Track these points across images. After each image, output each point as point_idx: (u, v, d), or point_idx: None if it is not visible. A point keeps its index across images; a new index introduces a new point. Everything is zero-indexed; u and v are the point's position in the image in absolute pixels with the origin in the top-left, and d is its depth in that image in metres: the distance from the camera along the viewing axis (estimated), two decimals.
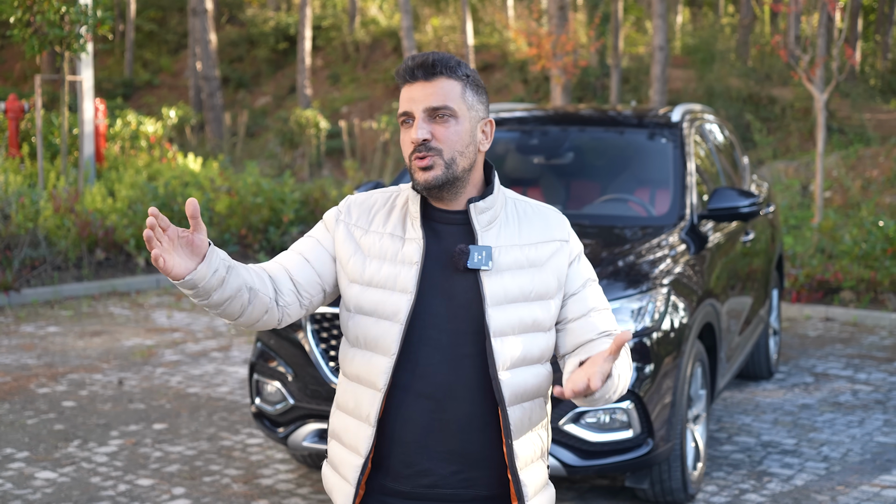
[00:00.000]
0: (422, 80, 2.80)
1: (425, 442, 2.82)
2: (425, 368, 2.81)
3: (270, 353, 6.02)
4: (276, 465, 6.75)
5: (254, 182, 14.85)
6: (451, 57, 2.84)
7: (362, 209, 2.94)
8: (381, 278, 2.83)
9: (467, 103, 2.83)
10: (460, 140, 2.80)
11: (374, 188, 7.49)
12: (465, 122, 2.81)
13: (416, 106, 2.80)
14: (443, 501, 2.85)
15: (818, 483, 6.48)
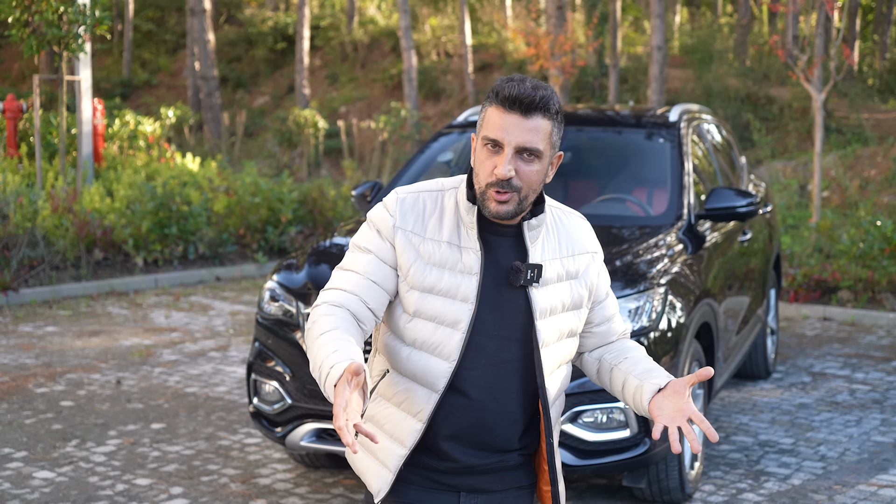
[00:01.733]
0: (519, 114, 2.86)
1: (462, 436, 3.01)
2: (471, 372, 2.97)
3: (268, 353, 6.03)
4: (274, 464, 6.76)
5: (252, 182, 14.84)
6: (551, 95, 2.89)
7: (415, 214, 3.00)
8: (443, 287, 2.95)
9: (552, 142, 2.93)
10: (538, 179, 2.92)
11: (372, 188, 7.51)
12: (545, 160, 2.92)
13: (508, 138, 2.86)
14: (473, 474, 3.06)
15: (815, 482, 6.49)
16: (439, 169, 8.33)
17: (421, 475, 3.07)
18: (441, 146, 8.08)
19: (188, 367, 9.16)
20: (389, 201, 3.03)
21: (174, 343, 10.00)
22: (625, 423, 5.47)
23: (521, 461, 3.12)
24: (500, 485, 3.10)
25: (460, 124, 8.19)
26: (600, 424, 5.48)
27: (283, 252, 14.56)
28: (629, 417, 5.45)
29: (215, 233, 14.06)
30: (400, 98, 26.92)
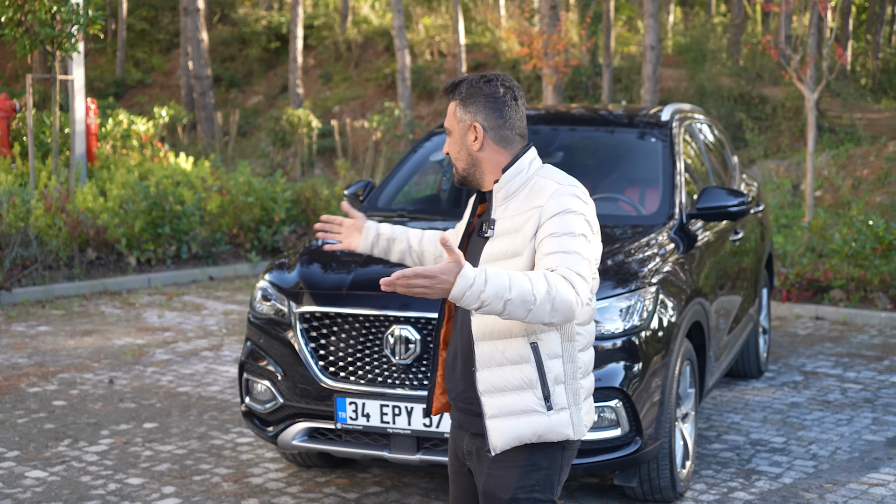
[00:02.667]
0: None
1: (452, 366, 3.73)
2: (458, 310, 3.74)
3: (260, 352, 6.03)
4: (266, 463, 6.76)
5: (245, 181, 14.84)
6: (460, 80, 3.69)
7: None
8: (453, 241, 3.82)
9: (457, 118, 3.67)
10: (453, 149, 3.71)
11: (364, 187, 7.52)
12: (454, 134, 3.69)
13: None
14: (461, 411, 3.73)
15: (806, 481, 6.50)
16: (431, 168, 8.34)
17: (451, 408, 3.82)
18: (433, 145, 8.08)
19: (181, 366, 9.16)
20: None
21: (167, 342, 10.00)
22: (616, 421, 5.48)
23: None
24: (477, 428, 3.65)
25: None
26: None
27: (276, 251, 14.57)
28: (620, 416, 5.46)
29: (208, 232, 14.06)
30: (393, 97, 26.92)
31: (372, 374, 5.58)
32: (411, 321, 5.50)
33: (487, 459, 3.60)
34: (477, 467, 3.67)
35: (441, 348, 3.80)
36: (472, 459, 3.69)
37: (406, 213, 7.25)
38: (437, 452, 5.55)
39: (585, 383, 3.63)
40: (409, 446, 5.57)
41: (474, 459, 3.68)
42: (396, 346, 5.50)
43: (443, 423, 5.44)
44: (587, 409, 3.65)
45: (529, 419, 3.51)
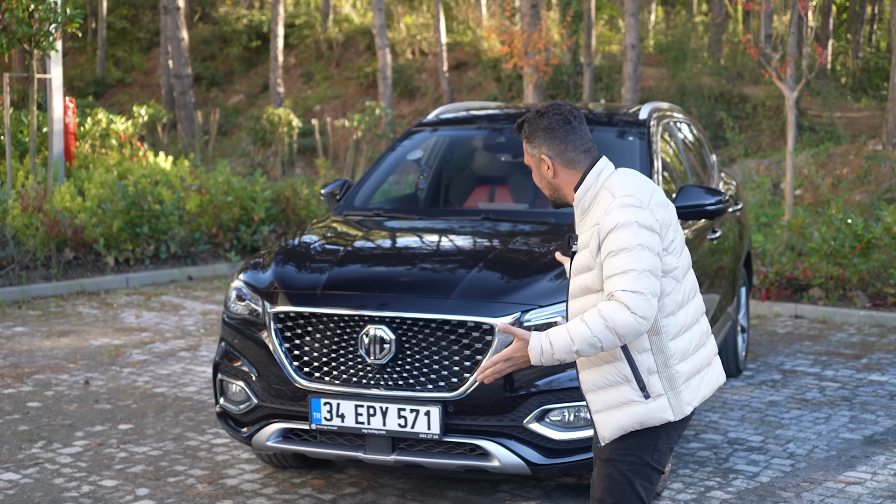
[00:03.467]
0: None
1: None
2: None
3: (234, 352, 5.99)
4: (241, 464, 6.72)
5: (224, 181, 14.78)
6: (518, 122, 4.07)
7: None
8: None
9: (530, 154, 4.03)
10: (537, 181, 4.08)
11: (341, 186, 7.49)
12: (534, 168, 4.05)
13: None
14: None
15: (783, 480, 6.49)
16: (409, 167, 8.31)
17: None
18: (411, 144, 8.05)
19: (157, 367, 9.11)
20: None
21: (144, 343, 9.94)
22: (591, 421, 5.45)
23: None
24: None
25: (430, 122, 8.17)
26: (567, 423, 5.46)
27: (255, 251, 14.52)
28: None
29: (187, 232, 14.00)
30: (375, 96, 26.87)
31: (347, 375, 5.55)
32: (386, 321, 5.47)
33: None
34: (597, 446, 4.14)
35: None
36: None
37: (383, 213, 7.21)
38: (413, 453, 5.52)
39: (683, 368, 3.95)
40: (384, 447, 5.53)
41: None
42: (371, 347, 5.47)
43: (417, 424, 5.41)
44: (692, 387, 3.99)
45: (630, 409, 3.91)
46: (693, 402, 3.98)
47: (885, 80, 25.24)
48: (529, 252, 6.13)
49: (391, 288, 5.69)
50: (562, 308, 5.52)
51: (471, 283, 5.61)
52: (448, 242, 6.55)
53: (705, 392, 4.05)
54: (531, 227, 6.72)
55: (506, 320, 5.40)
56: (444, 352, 5.43)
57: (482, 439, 5.43)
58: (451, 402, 5.40)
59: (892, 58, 18.49)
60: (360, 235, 6.66)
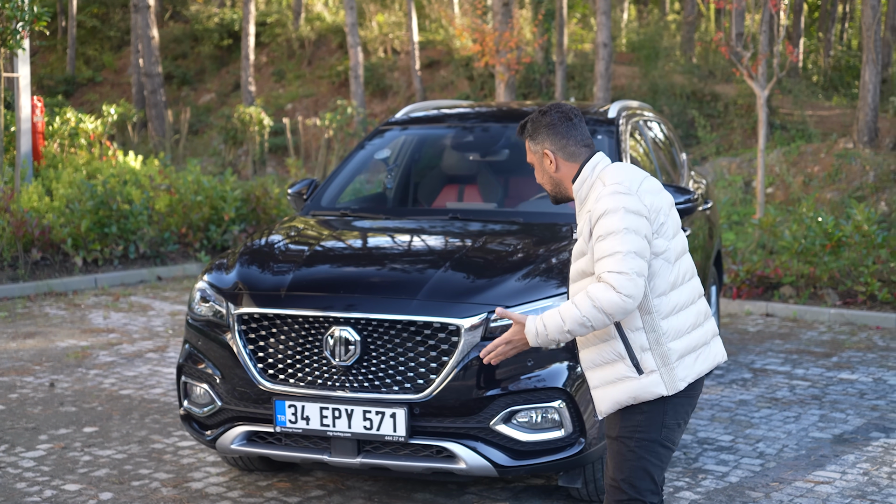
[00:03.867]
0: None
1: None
2: None
3: (198, 354, 5.91)
4: (207, 467, 6.64)
5: (194, 180, 14.68)
6: (521, 123, 4.30)
7: None
8: None
9: (532, 151, 4.28)
10: (539, 177, 4.33)
11: (308, 186, 7.43)
12: (537, 164, 4.29)
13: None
14: None
15: (753, 480, 6.47)
16: (377, 166, 8.25)
17: None
18: (380, 143, 7.99)
19: (124, 368, 9.02)
20: None
21: (111, 344, 9.85)
22: (559, 422, 5.41)
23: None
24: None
25: (399, 121, 8.11)
26: (534, 424, 5.41)
27: (225, 251, 14.40)
28: (563, 417, 5.39)
29: (156, 232, 13.90)
30: (347, 95, 26.78)
31: (311, 377, 5.48)
32: (351, 322, 5.40)
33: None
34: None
35: None
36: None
37: (350, 213, 7.15)
38: (379, 455, 5.46)
39: (676, 345, 4.13)
40: (349, 449, 5.47)
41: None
42: (336, 348, 5.40)
43: (383, 427, 5.35)
44: (686, 364, 4.15)
45: (624, 385, 4.12)
46: (687, 378, 4.14)
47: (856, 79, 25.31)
48: (497, 252, 6.08)
49: (356, 289, 5.62)
50: (529, 308, 5.48)
51: (437, 284, 5.55)
52: (415, 242, 6.50)
53: (700, 368, 4.21)
54: (499, 226, 6.67)
55: (474, 321, 5.35)
56: (409, 353, 5.37)
57: (448, 441, 5.37)
58: (417, 404, 5.34)
59: (862, 56, 18.54)
60: (326, 235, 6.59)
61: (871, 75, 18.20)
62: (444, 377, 5.31)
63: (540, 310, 5.49)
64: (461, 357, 5.32)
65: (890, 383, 8.72)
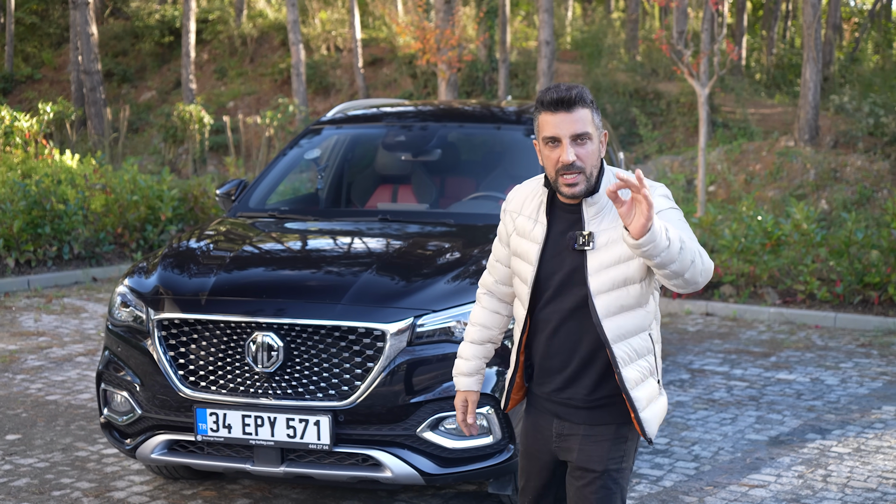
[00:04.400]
0: (564, 112, 3.62)
1: (544, 367, 3.87)
2: (542, 315, 3.82)
3: (118, 361, 5.73)
4: (131, 476, 6.47)
5: (130, 179, 14.43)
6: (582, 90, 3.67)
7: (521, 197, 3.92)
8: (522, 251, 3.85)
9: (595, 125, 3.68)
10: (595, 156, 3.68)
11: (237, 186, 7.27)
12: (595, 140, 3.68)
13: (562, 132, 3.62)
14: (561, 405, 3.86)
15: (687, 484, 6.39)
16: (307, 166, 8.10)
17: (533, 398, 3.97)
18: (311, 143, 7.85)
19: (52, 373, 8.81)
20: (509, 193, 3.99)
21: (41, 348, 9.62)
22: (488, 429, 5.30)
23: (600, 404, 3.80)
24: (577, 419, 3.82)
25: (331, 120, 7.97)
26: (462, 431, 5.28)
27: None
28: (492, 423, 5.28)
29: (92, 232, 13.65)
30: (289, 93, 26.55)
31: (234, 384, 5.33)
32: (274, 327, 5.26)
33: (578, 438, 3.84)
34: (566, 446, 3.87)
35: (521, 352, 3.95)
36: (562, 441, 3.87)
37: (278, 214, 6.99)
38: (303, 464, 5.32)
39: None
40: (273, 458, 5.33)
41: (564, 440, 3.87)
42: (259, 354, 5.25)
43: (307, 435, 5.21)
44: None
45: (659, 402, 3.83)
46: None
47: (798, 77, 25.44)
48: (425, 254, 5.96)
49: (279, 293, 5.47)
50: (457, 312, 5.35)
51: (362, 288, 5.41)
52: (342, 245, 6.36)
53: None
54: (429, 227, 6.55)
55: (400, 325, 5.23)
56: (334, 359, 5.23)
57: (374, 449, 5.24)
58: (341, 412, 5.21)
59: (803, 54, 18.61)
60: (251, 238, 6.43)
61: (812, 73, 18.27)
62: (370, 384, 5.18)
63: (469, 313, 5.37)
64: (386, 363, 5.19)
65: (827, 383, 8.69)
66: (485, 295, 4.14)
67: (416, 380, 5.23)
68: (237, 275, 5.71)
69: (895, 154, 17.98)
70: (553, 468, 3.96)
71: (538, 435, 3.95)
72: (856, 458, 6.88)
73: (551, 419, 3.89)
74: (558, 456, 3.91)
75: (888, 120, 18.84)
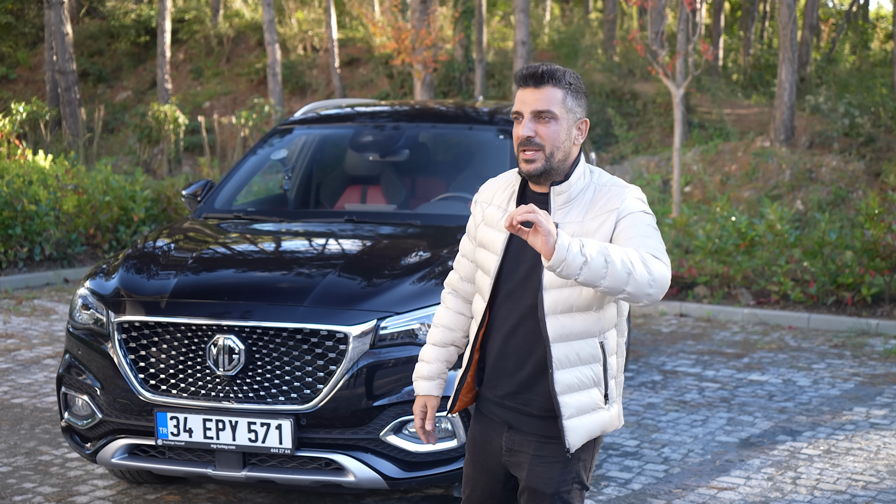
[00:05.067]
0: (532, 87, 3.53)
1: (496, 368, 3.69)
2: (501, 311, 3.65)
3: (79, 365, 5.65)
4: (94, 480, 6.38)
5: (103, 179, 14.33)
6: (558, 69, 3.54)
7: (493, 188, 3.81)
8: (487, 241, 3.71)
9: (566, 107, 3.54)
10: (558, 137, 3.53)
11: (204, 187, 7.19)
12: (563, 122, 3.53)
13: (525, 107, 3.53)
14: (511, 411, 3.68)
15: (656, 486, 6.35)
16: (273, 167, 8.03)
17: (483, 403, 3.79)
18: (280, 143, 7.78)
19: (19, 375, 8.71)
20: (482, 186, 3.87)
21: (8, 350, 9.52)
22: (452, 432, 5.24)
23: (551, 415, 3.59)
24: (529, 427, 3.64)
25: (299, 120, 7.90)
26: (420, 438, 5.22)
27: None
28: (456, 426, 5.22)
29: (63, 233, 13.54)
30: (265, 93, 26.45)
31: (195, 387, 5.26)
32: (235, 330, 5.18)
33: (528, 456, 3.67)
34: (516, 461, 3.71)
35: (476, 350, 3.76)
36: (512, 455, 3.72)
37: (244, 215, 6.91)
38: (265, 468, 5.25)
39: (622, 375, 3.79)
40: (234, 462, 5.26)
41: (514, 455, 3.71)
42: (220, 357, 5.18)
43: (268, 439, 5.14)
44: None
45: (597, 415, 3.61)
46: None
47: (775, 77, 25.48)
48: (390, 255, 5.90)
49: (241, 295, 5.40)
50: (421, 314, 5.30)
51: (325, 290, 5.35)
52: (306, 246, 6.29)
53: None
54: (395, 229, 6.49)
55: (364, 328, 5.16)
56: (296, 362, 5.17)
57: (337, 453, 5.18)
58: (303, 415, 5.14)
59: (780, 55, 18.62)
60: (215, 239, 6.36)
61: (788, 74, 18.28)
62: (332, 387, 5.12)
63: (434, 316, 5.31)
64: (349, 365, 5.13)
65: (799, 384, 8.67)
66: (449, 295, 3.98)
67: (379, 383, 5.17)
68: (199, 277, 5.64)
69: (870, 155, 18.01)
70: (503, 479, 3.80)
71: (487, 445, 3.79)
72: (826, 459, 6.85)
73: (501, 430, 3.72)
74: (509, 469, 3.75)
75: (863, 121, 18.87)
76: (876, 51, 30.80)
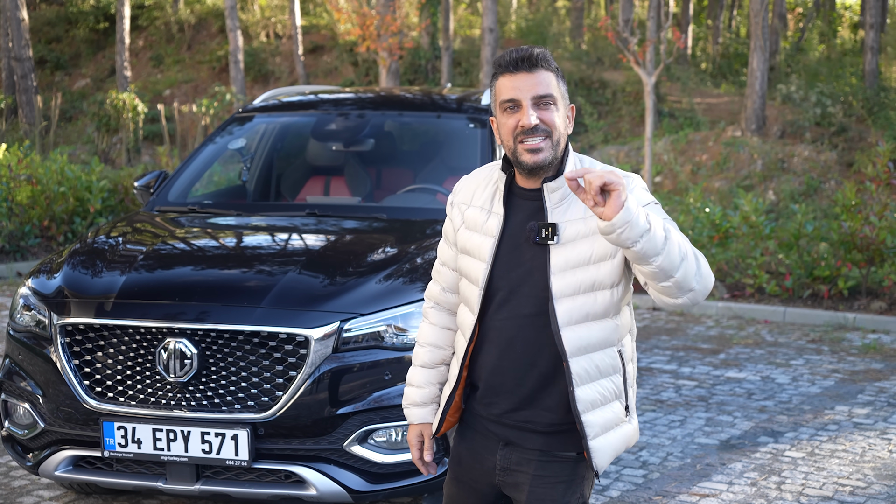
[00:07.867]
0: (526, 71, 3.17)
1: (492, 384, 3.34)
2: (493, 323, 3.29)
3: (20, 370, 5.26)
4: (40, 490, 6.00)
5: (58, 169, 13.88)
6: (546, 52, 3.22)
7: (470, 187, 3.44)
8: (472, 247, 3.34)
9: (561, 92, 3.24)
10: (562, 123, 3.22)
11: (157, 178, 6.82)
12: (561, 107, 3.22)
13: (523, 94, 3.16)
14: (513, 428, 3.33)
15: (634, 493, 6.03)
16: (231, 157, 7.67)
17: (473, 419, 3.42)
18: (237, 132, 7.41)
19: None
20: (456, 185, 3.50)
21: None
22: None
23: (561, 429, 3.28)
24: (532, 444, 3.29)
25: (258, 108, 7.53)
26: (394, 444, 4.89)
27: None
28: None
29: (16, 225, 13.11)
30: (227, 81, 26.01)
31: (144, 395, 4.88)
32: (187, 333, 4.81)
33: (528, 476, 3.33)
34: (512, 482, 3.37)
35: (465, 367, 3.41)
36: (508, 475, 3.37)
37: (199, 209, 6.52)
38: (220, 482, 4.89)
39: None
40: (187, 475, 4.89)
41: (510, 475, 3.37)
42: (171, 362, 4.81)
43: (223, 450, 4.78)
44: None
45: (621, 431, 3.34)
46: None
47: (744, 66, 25.28)
48: (354, 252, 5.54)
49: (194, 295, 5.02)
50: (388, 315, 4.95)
51: (284, 290, 4.98)
52: (265, 242, 5.92)
53: None
54: (360, 223, 6.13)
55: (326, 330, 4.81)
56: (253, 367, 4.80)
57: (297, 465, 4.82)
58: (261, 424, 4.78)
59: (750, 43, 18.38)
60: (166, 235, 5.98)
61: (759, 63, 18.06)
62: (292, 394, 4.76)
63: (401, 316, 4.98)
64: (311, 371, 4.77)
65: (778, 382, 8.39)
66: (431, 309, 3.58)
67: (342, 389, 4.82)
68: (148, 275, 5.26)
69: (842, 144, 17.81)
70: (492, 501, 3.47)
71: (476, 464, 3.43)
72: (810, 462, 6.56)
73: (495, 447, 3.37)
74: (502, 490, 3.41)
75: (835, 110, 18.67)
76: (845, 39, 30.68)
